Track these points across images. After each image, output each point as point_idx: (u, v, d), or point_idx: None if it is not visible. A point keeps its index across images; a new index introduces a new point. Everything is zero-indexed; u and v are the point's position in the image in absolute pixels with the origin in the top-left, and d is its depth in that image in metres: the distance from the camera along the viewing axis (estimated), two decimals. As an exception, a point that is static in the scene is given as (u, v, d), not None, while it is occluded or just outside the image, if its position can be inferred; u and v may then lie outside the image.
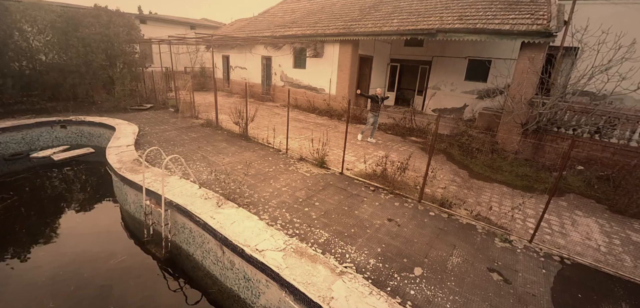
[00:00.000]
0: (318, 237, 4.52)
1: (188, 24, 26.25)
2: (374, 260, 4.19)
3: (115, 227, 6.53)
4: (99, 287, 4.91)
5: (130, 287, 4.95)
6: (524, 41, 8.98)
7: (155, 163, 6.93)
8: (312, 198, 5.68)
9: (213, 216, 4.59)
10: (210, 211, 4.74)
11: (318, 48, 13.24)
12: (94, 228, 6.50)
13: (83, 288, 4.84)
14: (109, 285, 4.94)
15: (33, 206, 7.16)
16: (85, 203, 7.51)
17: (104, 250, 5.75)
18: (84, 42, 11.63)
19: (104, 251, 5.70)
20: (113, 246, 5.88)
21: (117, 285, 4.94)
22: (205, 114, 12.00)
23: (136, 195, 5.99)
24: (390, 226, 5.05)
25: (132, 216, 6.41)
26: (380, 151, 9.08)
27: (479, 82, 13.13)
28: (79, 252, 5.64)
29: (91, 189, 8.24)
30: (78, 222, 6.65)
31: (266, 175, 6.54)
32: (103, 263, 5.35)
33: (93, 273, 5.15)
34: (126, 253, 5.59)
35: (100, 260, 5.42)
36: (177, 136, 9.16)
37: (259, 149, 8.25)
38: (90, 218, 6.83)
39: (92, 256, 5.55)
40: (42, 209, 7.10)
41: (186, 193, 5.34)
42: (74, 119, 10.39)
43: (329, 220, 5.02)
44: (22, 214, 6.78)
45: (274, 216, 4.92)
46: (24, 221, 6.54)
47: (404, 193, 6.21)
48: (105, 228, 6.54)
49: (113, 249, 5.77)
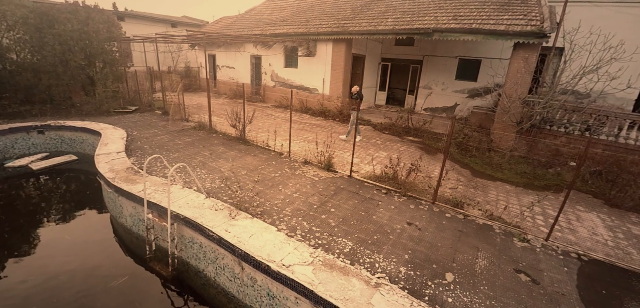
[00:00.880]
0: (343, 246, 4.27)
1: (169, 22, 25.08)
2: (404, 267, 4.00)
3: (109, 244, 5.95)
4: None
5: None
6: (517, 41, 9.13)
7: (153, 172, 6.40)
8: (327, 204, 5.42)
9: (228, 230, 4.22)
10: (224, 224, 4.36)
11: (311, 47, 12.93)
12: (85, 245, 5.87)
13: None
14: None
15: (10, 222, 6.42)
16: (72, 218, 6.80)
17: (99, 270, 5.20)
18: (60, 40, 10.68)
19: (100, 271, 5.16)
20: (110, 265, 5.33)
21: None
22: (195, 116, 11.39)
23: (134, 207, 5.48)
24: (412, 231, 4.88)
25: (128, 231, 5.87)
26: (381, 151, 8.94)
27: (469, 82, 13.32)
28: (70, 274, 5.05)
29: (77, 202, 7.53)
30: (65, 239, 5.98)
31: (274, 181, 6.20)
32: (102, 286, 4.82)
33: (91, 298, 4.62)
34: (127, 272, 5.07)
35: (97, 282, 4.89)
36: (170, 141, 8.58)
37: (259, 153, 7.86)
38: (79, 234, 6.17)
39: (87, 277, 4.99)
40: (20, 225, 6.38)
41: (193, 205, 4.91)
42: (52, 124, 9.51)
43: (349, 227, 4.77)
44: (2, 234, 6.05)
45: (291, 226, 4.62)
46: (3, 240, 5.83)
47: (417, 195, 6.08)
48: (97, 245, 5.93)
49: (110, 269, 5.23)
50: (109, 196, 6.25)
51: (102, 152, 7.32)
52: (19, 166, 8.60)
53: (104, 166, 6.50)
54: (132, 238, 5.79)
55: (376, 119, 12.29)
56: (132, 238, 5.78)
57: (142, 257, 5.33)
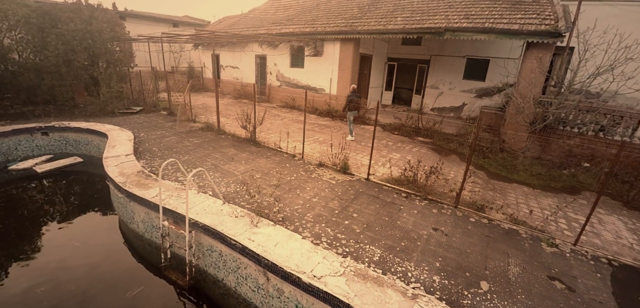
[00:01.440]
0: (371, 255, 4.08)
1: (170, 22, 24.77)
2: (437, 276, 3.82)
3: (120, 250, 5.71)
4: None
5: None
6: (531, 40, 8.96)
7: (164, 175, 6.17)
8: (348, 209, 5.22)
9: (251, 238, 4.01)
10: (246, 232, 4.15)
11: (318, 46, 12.70)
12: (95, 252, 5.61)
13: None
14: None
15: (15, 227, 6.18)
16: (79, 223, 6.56)
17: (112, 279, 4.96)
18: (63, 39, 10.39)
19: (113, 281, 4.92)
20: (122, 274, 5.10)
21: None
22: (202, 117, 11.15)
23: (147, 213, 5.26)
24: (438, 237, 4.70)
25: (140, 237, 5.64)
26: (393, 153, 8.76)
27: (477, 81, 13.16)
28: (80, 283, 4.81)
29: (84, 205, 7.28)
30: (73, 246, 5.72)
31: (290, 185, 5.99)
32: (116, 296, 4.59)
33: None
34: (142, 282, 4.84)
35: (111, 292, 4.66)
36: (178, 142, 8.35)
37: (272, 155, 7.64)
38: (87, 240, 5.91)
39: (99, 287, 4.76)
40: (26, 230, 6.13)
41: (211, 211, 4.70)
42: (57, 126, 9.24)
43: (374, 234, 4.58)
44: (6, 239, 5.80)
45: (316, 233, 4.41)
46: (5, 246, 5.59)
47: (438, 199, 5.90)
48: (108, 252, 5.69)
49: (123, 278, 4.99)
50: (119, 201, 6.02)
51: (110, 155, 7.08)
52: (23, 169, 8.34)
53: (113, 169, 6.27)
54: (144, 245, 5.56)
55: (384, 120, 12.10)
56: (144, 245, 5.56)
57: (156, 265, 5.11)
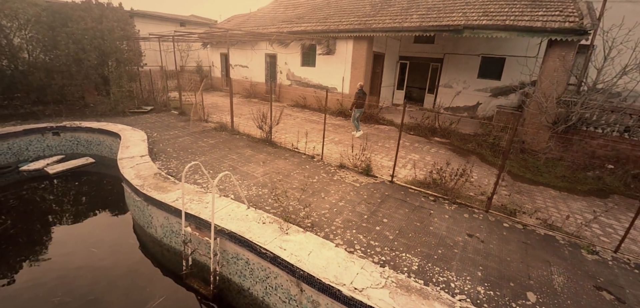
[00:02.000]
0: (409, 263, 3.82)
1: (177, 21, 24.55)
2: (481, 287, 3.56)
3: (137, 257, 5.47)
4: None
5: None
6: (554, 38, 8.64)
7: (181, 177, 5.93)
8: (377, 214, 4.95)
9: (282, 247, 3.76)
10: (276, 240, 3.90)
11: (330, 45, 12.43)
12: (110, 258, 5.36)
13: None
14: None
15: (27, 231, 5.96)
16: (93, 227, 6.34)
17: (132, 288, 4.73)
18: (74, 39, 10.19)
19: (131, 290, 4.68)
20: (142, 282, 4.86)
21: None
22: (214, 116, 10.92)
23: (166, 218, 5.02)
24: (475, 243, 4.43)
25: (158, 243, 5.40)
26: (412, 154, 8.47)
27: (492, 80, 12.83)
28: (97, 293, 4.56)
29: (97, 208, 7.05)
30: (88, 252, 5.48)
31: (313, 188, 5.73)
32: (134, 306, 4.36)
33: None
34: (163, 291, 4.59)
35: (131, 304, 4.42)
36: (193, 143, 8.11)
37: (290, 157, 7.39)
38: (102, 246, 5.65)
39: (118, 296, 4.53)
40: (38, 234, 5.92)
41: (236, 216, 4.45)
42: (68, 125, 9.04)
43: (408, 240, 4.32)
44: (14, 241, 5.59)
45: (348, 240, 4.15)
46: (18, 251, 5.38)
47: (467, 203, 5.62)
48: (125, 258, 5.45)
49: (143, 287, 4.75)
50: (135, 205, 5.78)
51: (124, 156, 6.86)
52: (34, 169, 8.15)
53: (129, 171, 6.04)
54: (162, 250, 5.32)
55: (399, 119, 11.81)
56: (163, 250, 5.32)
57: (176, 273, 4.88)
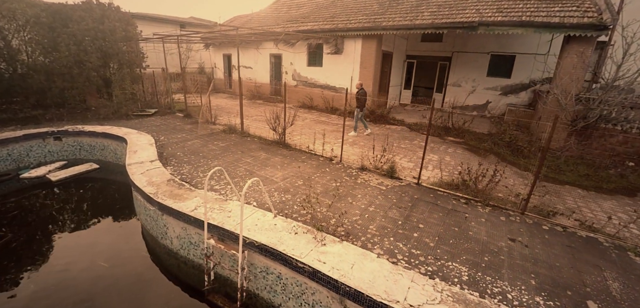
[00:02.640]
0: (458, 273, 3.46)
1: (177, 23, 24.02)
2: (538, 297, 3.23)
3: (150, 271, 5.04)
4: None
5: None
6: (571, 34, 8.40)
7: (198, 184, 5.54)
8: (411, 219, 4.60)
9: (321, 260, 3.38)
10: (313, 252, 3.52)
11: (339, 44, 12.08)
12: (122, 273, 4.90)
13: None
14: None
15: (29, 242, 5.52)
16: (101, 239, 5.88)
17: (145, 306, 4.33)
18: (75, 40, 9.72)
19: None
20: (157, 300, 4.44)
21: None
22: (220, 118, 10.52)
23: (183, 228, 4.61)
24: (519, 249, 4.09)
25: (173, 255, 4.98)
26: (429, 154, 8.14)
27: (502, 78, 12.56)
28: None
29: (104, 218, 6.60)
30: (97, 267, 5.02)
31: (339, 192, 5.35)
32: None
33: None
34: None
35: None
36: (203, 146, 7.70)
37: (307, 159, 7.01)
38: (112, 260, 5.18)
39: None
40: (41, 248, 5.46)
41: (264, 226, 4.06)
42: (70, 130, 8.57)
43: (450, 247, 3.96)
44: (16, 255, 5.15)
45: (388, 250, 3.79)
46: (20, 265, 4.94)
47: (501, 205, 5.29)
48: (136, 273, 5.00)
49: (158, 304, 4.35)
50: (147, 214, 5.36)
51: (133, 161, 6.43)
52: (35, 177, 7.69)
53: (140, 178, 5.62)
54: (179, 263, 4.91)
55: (409, 119, 11.49)
56: (179, 263, 4.90)
57: (195, 288, 4.48)
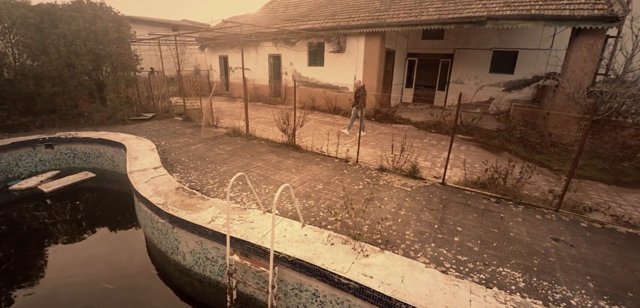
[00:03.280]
0: (513, 280, 3.12)
1: (169, 26, 23.32)
2: (602, 301, 2.94)
3: (160, 290, 4.56)
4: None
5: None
6: (581, 27, 8.25)
7: (209, 192, 5.07)
8: (446, 221, 4.24)
9: (366, 273, 2.98)
10: (356, 265, 3.11)
11: (341, 42, 11.72)
12: (129, 294, 4.40)
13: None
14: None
15: (19, 265, 4.93)
16: (101, 255, 5.33)
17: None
18: (65, 41, 9.08)
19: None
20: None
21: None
22: (222, 121, 10.02)
23: (199, 242, 4.14)
24: (566, 249, 3.79)
25: (186, 272, 4.48)
26: (444, 152, 7.84)
27: (505, 74, 12.42)
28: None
29: (105, 233, 6.06)
30: (98, 286, 4.50)
31: (363, 195, 4.96)
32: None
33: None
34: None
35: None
36: (208, 151, 7.21)
37: (321, 161, 6.60)
38: (115, 278, 4.63)
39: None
40: (34, 268, 4.90)
41: (293, 237, 3.63)
42: (63, 136, 7.95)
43: (495, 251, 3.62)
44: (6, 276, 4.59)
45: (433, 257, 3.41)
46: (10, 287, 4.38)
47: (533, 202, 5.00)
48: (144, 292, 4.52)
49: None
50: (155, 227, 4.85)
51: (135, 168, 5.90)
52: (26, 188, 7.05)
53: (145, 187, 5.11)
54: (193, 281, 4.43)
55: (415, 118, 11.20)
56: (194, 281, 4.42)
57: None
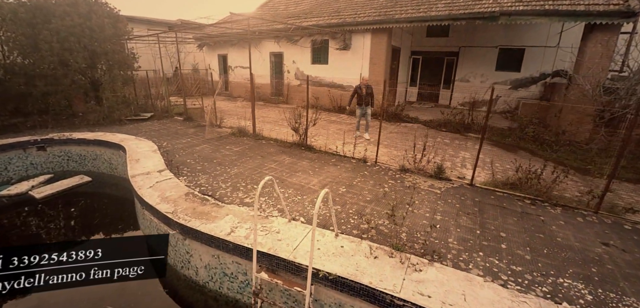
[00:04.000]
0: (577, 292, 2.78)
1: (165, 25, 22.58)
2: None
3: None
4: None
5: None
6: (595, 22, 8.03)
7: (225, 198, 4.60)
8: (487, 227, 3.87)
9: (423, 292, 2.57)
10: (408, 282, 2.70)
11: (347, 39, 11.33)
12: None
13: None
14: None
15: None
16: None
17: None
18: (58, 37, 8.48)
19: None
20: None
21: None
22: (226, 121, 9.54)
23: (215, 256, 3.68)
24: (619, 255, 3.47)
25: (200, 289, 4.00)
26: (462, 152, 7.51)
27: (511, 72, 12.19)
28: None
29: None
30: (100, 306, 4.04)
31: (390, 198, 4.56)
32: None
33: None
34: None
35: None
36: (215, 151, 6.73)
37: (338, 162, 6.18)
38: (119, 297, 4.16)
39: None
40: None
41: (327, 250, 3.20)
42: (56, 138, 7.37)
43: (548, 259, 3.26)
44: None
45: (485, 268, 3.02)
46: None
47: (570, 204, 4.68)
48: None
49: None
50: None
51: (137, 172, 5.40)
52: (16, 194, 6.46)
53: (150, 193, 4.61)
54: (207, 299, 3.94)
55: (424, 116, 10.88)
56: (208, 299, 3.93)
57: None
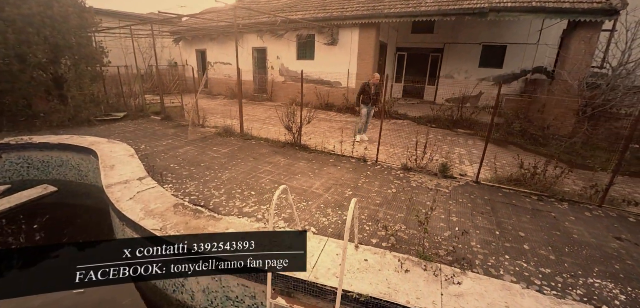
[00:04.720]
0: (609, 293, 2.68)
1: (136, 18, 21.04)
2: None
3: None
4: None
5: None
6: (578, 20, 8.29)
7: (220, 207, 4.11)
8: (504, 226, 3.68)
9: (466, 307, 2.30)
10: (446, 298, 2.39)
11: (334, 34, 10.99)
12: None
13: None
14: None
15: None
16: (72, 297, 4.19)
17: None
18: (14, 27, 7.42)
19: None
20: None
21: None
22: (209, 120, 8.88)
23: (215, 278, 3.20)
24: (635, 249, 3.46)
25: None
26: (457, 148, 7.44)
27: (494, 69, 12.44)
28: None
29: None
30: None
31: (399, 199, 4.29)
32: None
33: None
34: None
35: None
36: (201, 154, 6.15)
37: (336, 162, 5.83)
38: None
39: None
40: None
41: (352, 266, 2.81)
42: (13, 143, 6.43)
43: (572, 257, 3.16)
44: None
45: (516, 272, 2.80)
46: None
47: (575, 199, 4.65)
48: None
49: None
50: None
51: (113, 181, 4.74)
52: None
53: (131, 207, 4.00)
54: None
55: (412, 113, 10.80)
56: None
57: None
